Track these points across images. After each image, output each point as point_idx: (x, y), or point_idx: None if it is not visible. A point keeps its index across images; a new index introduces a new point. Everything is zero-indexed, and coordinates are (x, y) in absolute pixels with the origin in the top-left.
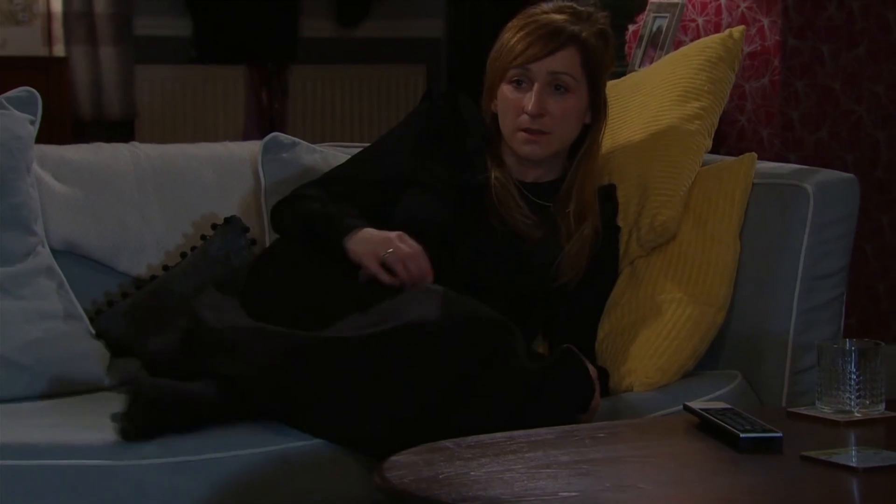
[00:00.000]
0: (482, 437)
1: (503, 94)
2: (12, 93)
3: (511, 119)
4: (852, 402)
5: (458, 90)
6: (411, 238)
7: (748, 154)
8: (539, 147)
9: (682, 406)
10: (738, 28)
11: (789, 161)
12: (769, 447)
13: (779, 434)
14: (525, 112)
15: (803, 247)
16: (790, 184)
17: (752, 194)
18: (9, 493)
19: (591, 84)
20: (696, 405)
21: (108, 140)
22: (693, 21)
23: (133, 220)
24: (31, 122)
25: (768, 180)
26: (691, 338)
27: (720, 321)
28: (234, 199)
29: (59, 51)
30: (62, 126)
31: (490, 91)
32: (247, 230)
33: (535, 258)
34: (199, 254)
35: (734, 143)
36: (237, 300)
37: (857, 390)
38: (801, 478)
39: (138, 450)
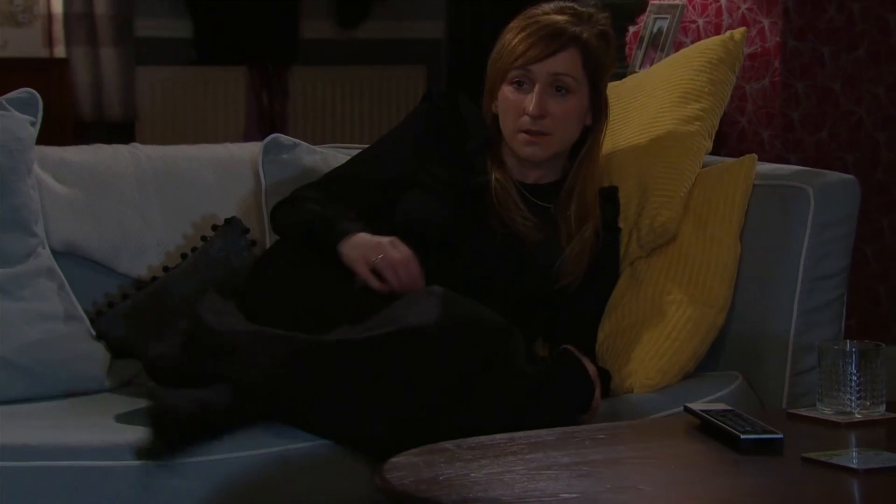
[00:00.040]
0: (482, 438)
1: (504, 95)
2: (13, 94)
3: (512, 120)
4: (853, 404)
5: (458, 91)
6: (410, 241)
7: (749, 155)
8: (540, 148)
9: (682, 407)
10: (739, 30)
11: (790, 162)
12: (770, 448)
13: (779, 435)
14: (526, 113)
15: (804, 248)
16: (790, 185)
17: (753, 195)
18: (9, 494)
19: (592, 85)
20: (696, 406)
21: (108, 141)
22: (693, 22)
23: (133, 221)
24: (32, 124)
25: (769, 181)
26: (692, 339)
27: (720, 322)
28: (235, 201)
29: (59, 52)
30: (63, 127)
31: (491, 92)
32: (247, 231)
33: (536, 260)
34: (200, 255)
35: (735, 144)
36: (238, 302)
37: (858, 392)
38: (801, 479)
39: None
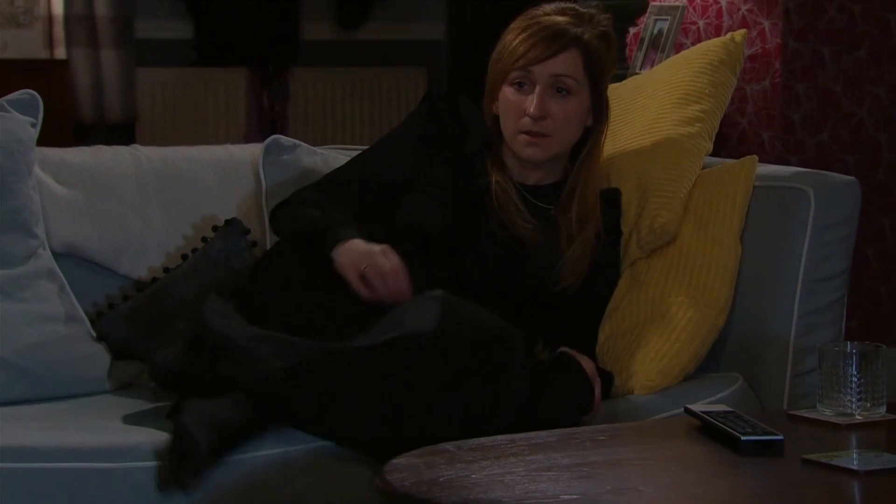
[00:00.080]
0: (483, 439)
1: (504, 96)
2: (13, 95)
3: (512, 121)
4: (853, 405)
5: (458, 92)
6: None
7: (749, 157)
8: (540, 149)
9: (682, 409)
10: (740, 32)
11: (790, 164)
12: (770, 450)
13: (780, 437)
14: (527, 114)
15: (804, 249)
16: (791, 186)
17: (753, 197)
18: (9, 495)
19: (593, 86)
20: (696, 408)
21: (109, 143)
22: (694, 24)
23: (134, 222)
24: (33, 125)
25: (769, 183)
26: (692, 341)
27: (721, 324)
28: (235, 202)
29: (60, 53)
30: (63, 129)
31: (491, 93)
32: (247, 232)
33: (536, 263)
34: (200, 256)
35: (735, 145)
36: (238, 303)
37: (859, 393)
38: (802, 481)
39: (138, 453)
